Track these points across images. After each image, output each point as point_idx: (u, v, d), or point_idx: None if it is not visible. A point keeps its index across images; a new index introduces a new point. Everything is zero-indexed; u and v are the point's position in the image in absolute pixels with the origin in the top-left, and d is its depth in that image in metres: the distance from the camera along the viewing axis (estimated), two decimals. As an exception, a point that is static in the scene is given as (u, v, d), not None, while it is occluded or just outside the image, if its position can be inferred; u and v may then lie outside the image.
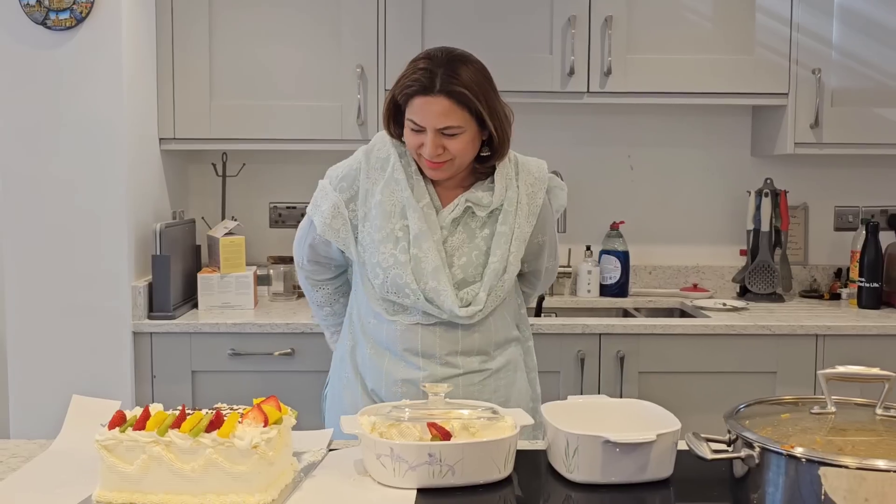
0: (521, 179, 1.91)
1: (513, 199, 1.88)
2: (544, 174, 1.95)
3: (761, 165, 3.39)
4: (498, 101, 1.85)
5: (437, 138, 1.79)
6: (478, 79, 1.80)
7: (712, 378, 2.79)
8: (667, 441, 1.35)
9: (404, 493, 1.30)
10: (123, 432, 1.26)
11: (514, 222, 1.87)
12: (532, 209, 1.91)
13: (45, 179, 2.70)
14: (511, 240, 1.87)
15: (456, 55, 1.82)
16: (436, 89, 1.77)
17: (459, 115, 1.78)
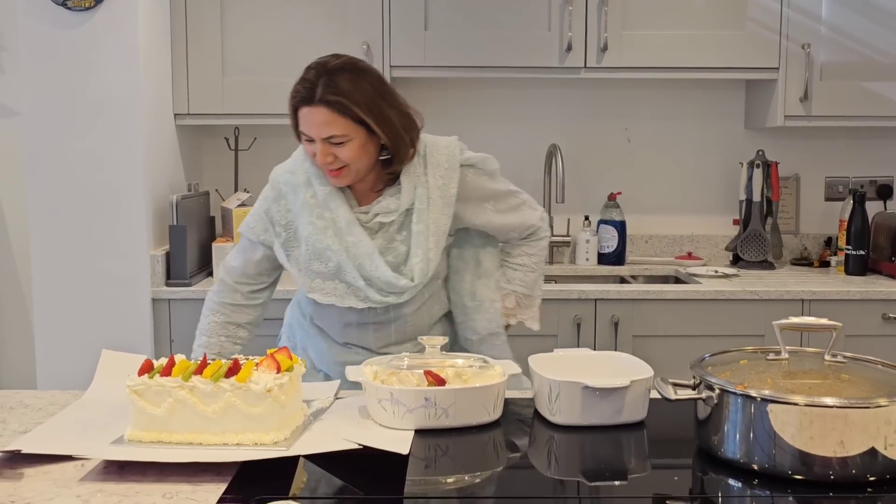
0: (431, 173, 1.92)
1: (423, 196, 1.90)
2: (455, 161, 1.94)
3: (754, 138, 3.51)
4: (390, 107, 1.85)
5: (325, 147, 1.82)
6: (361, 87, 1.81)
7: (703, 341, 2.92)
8: (640, 387, 1.49)
9: (403, 434, 1.44)
10: (152, 378, 1.40)
11: (429, 218, 1.89)
12: (446, 200, 1.92)
13: (68, 154, 2.85)
14: (429, 236, 1.90)
15: (337, 65, 1.83)
16: (315, 99, 1.79)
17: (342, 123, 1.80)
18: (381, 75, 1.91)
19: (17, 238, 3.45)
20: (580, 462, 1.45)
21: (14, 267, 3.47)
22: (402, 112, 1.88)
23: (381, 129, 1.83)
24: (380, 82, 1.87)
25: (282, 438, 1.40)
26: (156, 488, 1.23)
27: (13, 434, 1.48)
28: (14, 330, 3.48)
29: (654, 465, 1.42)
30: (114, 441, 1.41)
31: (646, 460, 1.45)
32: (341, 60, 1.85)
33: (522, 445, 1.49)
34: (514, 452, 1.47)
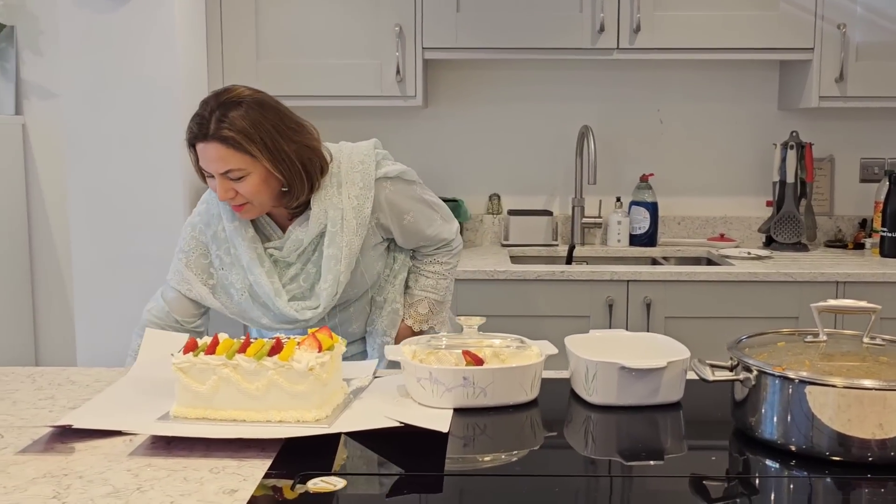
0: (345, 193, 1.89)
1: (337, 219, 1.88)
2: (370, 178, 1.91)
3: (787, 118, 3.48)
4: (289, 141, 1.82)
5: (224, 182, 1.81)
6: (255, 122, 1.78)
7: (735, 323, 2.92)
8: (676, 367, 1.50)
9: (442, 412, 1.46)
10: (196, 356, 1.43)
11: (342, 241, 1.89)
12: (360, 220, 1.90)
13: (106, 136, 2.89)
14: (341, 259, 1.89)
15: (231, 98, 1.80)
16: (208, 135, 1.77)
17: (237, 158, 1.78)
18: (279, 108, 1.85)
19: (57, 221, 3.51)
20: (616, 442, 1.46)
21: (53, 248, 3.54)
22: (302, 146, 1.84)
23: (275, 165, 1.80)
24: (277, 116, 1.82)
25: (323, 416, 1.42)
26: (202, 463, 1.27)
27: (62, 409, 1.52)
28: (54, 310, 3.55)
29: (690, 445, 1.43)
30: (160, 417, 1.44)
31: (682, 440, 1.46)
32: (236, 93, 1.82)
33: (559, 425, 1.51)
34: (550, 432, 1.48)
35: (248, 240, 1.92)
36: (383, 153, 2.00)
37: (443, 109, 3.53)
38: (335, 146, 1.98)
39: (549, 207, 3.57)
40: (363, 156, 1.93)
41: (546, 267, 2.99)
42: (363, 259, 1.97)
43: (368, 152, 1.95)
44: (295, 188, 1.85)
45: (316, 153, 1.87)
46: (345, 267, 1.90)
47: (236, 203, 1.85)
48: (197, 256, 2.00)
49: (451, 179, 3.56)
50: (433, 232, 2.04)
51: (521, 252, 3.40)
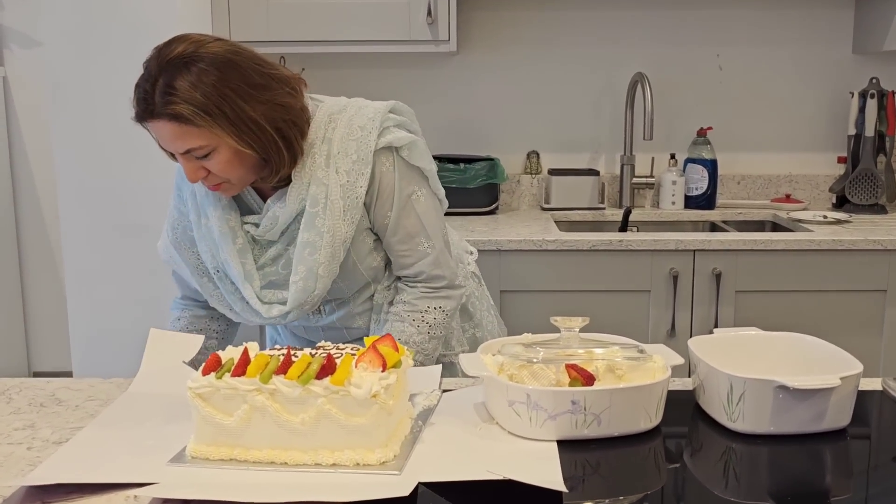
0: (334, 165, 1.51)
1: (319, 197, 1.50)
2: (368, 148, 1.51)
3: (864, 63, 3.10)
4: (253, 102, 1.42)
5: (189, 162, 1.45)
6: (207, 85, 1.38)
7: (816, 297, 2.58)
8: (848, 385, 1.15)
9: (544, 446, 1.12)
10: (220, 378, 1.08)
11: (323, 224, 1.50)
12: (350, 202, 1.51)
13: (95, 89, 2.51)
14: (320, 247, 1.51)
15: (173, 58, 1.40)
16: (154, 112, 1.40)
17: (195, 134, 1.40)
18: (236, 60, 1.43)
19: (42, 180, 3.15)
20: (768, 481, 1.12)
21: (39, 210, 3.18)
22: (273, 105, 1.44)
23: (241, 138, 1.42)
24: (236, 73, 1.41)
25: (391, 457, 1.08)
26: (237, 537, 0.92)
27: (44, 445, 1.17)
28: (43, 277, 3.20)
29: (863, 484, 1.09)
30: (173, 458, 1.09)
31: (851, 478, 1.12)
32: (181, 50, 1.41)
33: (691, 459, 1.16)
34: (681, 468, 1.14)
35: (221, 208, 1.55)
36: (399, 119, 1.58)
37: (477, 56, 3.14)
38: (337, 103, 1.57)
39: (594, 166, 3.20)
40: (367, 119, 1.53)
41: (600, 235, 2.63)
42: (354, 248, 1.58)
43: (375, 116, 1.54)
44: (272, 159, 1.47)
45: (292, 112, 1.47)
46: (325, 258, 1.51)
47: (210, 182, 1.49)
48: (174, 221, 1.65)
49: (485, 135, 3.18)
50: (417, 250, 1.59)
51: (565, 216, 3.04)
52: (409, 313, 1.60)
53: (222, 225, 1.55)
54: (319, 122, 1.52)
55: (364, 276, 1.62)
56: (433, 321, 1.60)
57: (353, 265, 1.59)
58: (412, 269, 1.60)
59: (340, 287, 1.61)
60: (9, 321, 3.21)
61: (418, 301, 1.60)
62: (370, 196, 1.55)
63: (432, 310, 1.60)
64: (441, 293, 1.61)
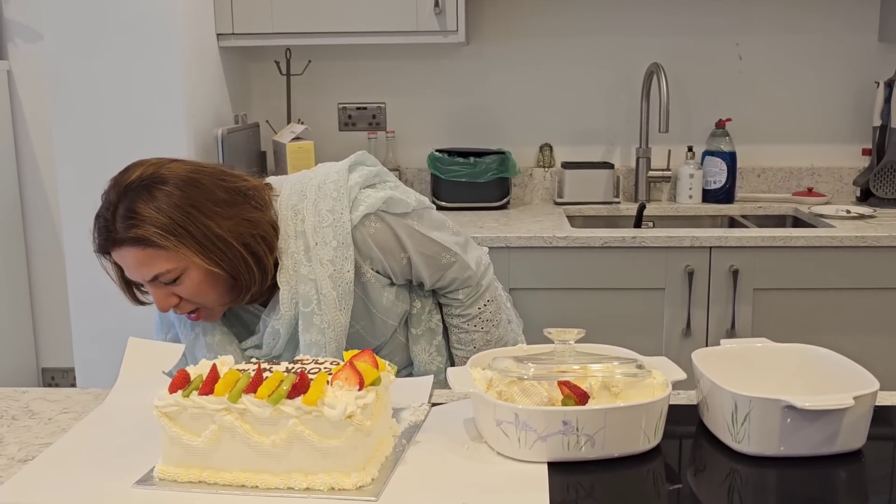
0: (316, 258, 1.43)
1: (310, 296, 1.43)
2: (345, 230, 1.43)
3: (891, 52, 2.98)
4: (216, 217, 1.36)
5: (159, 289, 1.38)
6: (170, 206, 1.33)
7: (838, 295, 2.49)
8: (864, 405, 1.07)
9: (533, 469, 1.05)
10: (187, 397, 1.02)
11: (322, 321, 1.44)
12: (343, 290, 1.44)
13: (98, 82, 2.46)
14: (325, 344, 1.45)
15: (132, 183, 1.35)
16: (116, 240, 1.35)
17: (163, 256, 1.34)
18: (197, 178, 1.37)
19: (48, 176, 3.11)
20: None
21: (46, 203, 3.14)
22: (239, 221, 1.38)
23: (208, 258, 1.35)
24: (197, 192, 1.36)
25: (367, 481, 1.01)
26: (195, 573, 0.86)
27: (10, 463, 1.11)
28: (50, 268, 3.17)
29: (879, 511, 1.01)
30: (140, 480, 1.03)
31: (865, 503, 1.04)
32: (139, 174, 1.36)
33: (693, 481, 1.08)
34: (682, 491, 1.07)
35: (215, 346, 1.48)
36: (363, 177, 1.49)
37: (487, 47, 3.06)
38: (295, 190, 1.47)
39: (608, 159, 3.11)
40: (332, 201, 1.44)
41: (613, 232, 2.54)
42: (379, 312, 1.52)
43: (339, 193, 1.45)
44: (242, 277, 1.39)
45: (259, 226, 1.40)
46: (333, 352, 1.45)
47: (183, 310, 1.42)
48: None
49: (496, 128, 3.10)
50: (440, 265, 1.54)
51: (578, 211, 2.95)
52: (467, 322, 1.60)
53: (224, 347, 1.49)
54: (286, 219, 1.45)
55: (394, 325, 1.57)
56: (490, 316, 1.62)
57: (382, 324, 1.55)
58: (445, 281, 1.56)
59: (371, 343, 1.56)
60: (17, 317, 3.17)
61: (469, 309, 1.60)
62: (376, 263, 1.49)
63: (483, 307, 1.61)
64: (480, 290, 1.60)
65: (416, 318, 1.60)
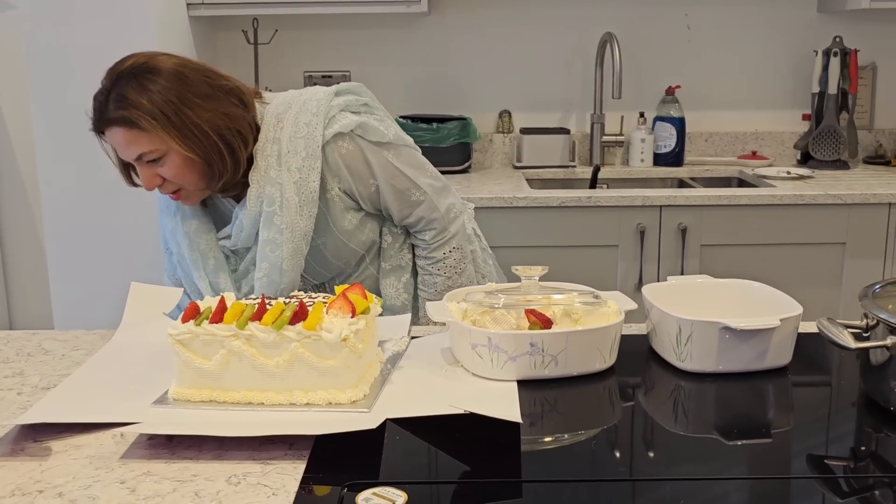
0: (285, 164, 1.56)
1: (275, 197, 1.56)
2: (316, 143, 1.57)
3: (828, 22, 3.16)
4: (196, 107, 1.49)
5: (144, 169, 1.53)
6: (154, 92, 1.47)
7: (778, 250, 2.67)
8: (789, 326, 1.23)
9: (505, 386, 1.19)
10: (199, 325, 1.15)
11: (282, 222, 1.57)
12: (305, 197, 1.57)
13: (71, 52, 2.53)
14: (282, 244, 1.58)
15: (125, 72, 1.49)
16: (107, 119, 1.50)
17: (145, 139, 1.48)
18: (184, 72, 1.51)
19: (22, 150, 3.16)
20: (714, 416, 1.20)
21: (20, 177, 3.20)
22: (218, 114, 1.51)
23: (184, 142, 1.49)
24: (181, 83, 1.50)
25: (360, 396, 1.15)
26: (217, 469, 0.99)
27: (34, 391, 1.23)
28: (24, 250, 3.23)
29: (803, 419, 1.18)
30: (157, 400, 1.16)
31: (791, 413, 1.20)
32: (131, 63, 1.51)
33: (643, 397, 1.24)
34: (634, 405, 1.22)
35: (192, 234, 1.65)
36: (345, 102, 1.62)
37: (448, 16, 3.18)
38: (283, 101, 1.62)
39: (565, 125, 3.26)
40: (311, 115, 1.58)
41: (569, 192, 2.70)
42: (339, 231, 1.65)
43: (318, 110, 1.58)
44: (215, 166, 1.53)
45: (237, 121, 1.54)
46: (288, 253, 1.58)
47: (166, 190, 1.57)
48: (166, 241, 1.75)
49: (457, 95, 3.23)
50: (410, 201, 1.67)
51: (536, 174, 3.10)
52: (431, 265, 1.73)
53: (192, 251, 1.64)
54: (268, 124, 1.58)
55: (356, 251, 1.70)
56: (453, 263, 1.74)
57: (342, 245, 1.67)
58: (412, 218, 1.70)
59: (337, 266, 1.69)
60: (-10, 282, 3.24)
61: (434, 252, 1.73)
62: (344, 181, 1.62)
63: (448, 253, 1.73)
64: (447, 235, 1.73)
65: (386, 252, 1.74)
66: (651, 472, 1.04)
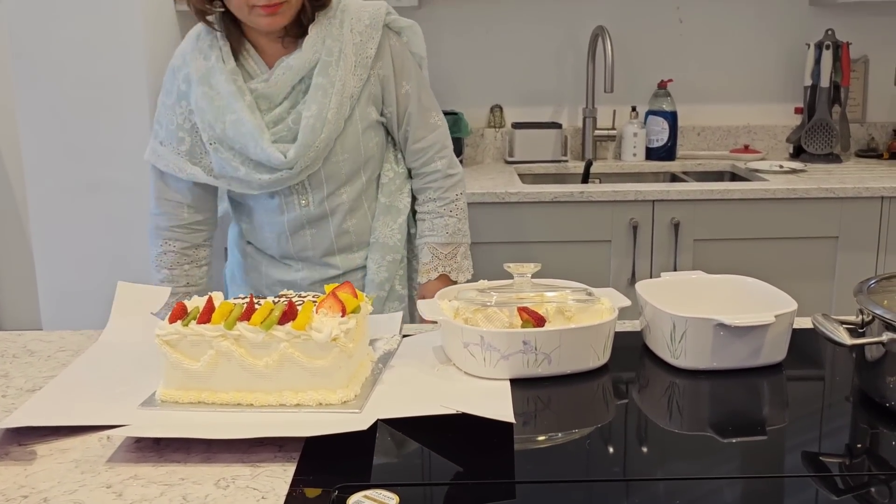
0: (347, 27, 1.69)
1: (334, 49, 1.68)
2: (378, 19, 1.72)
3: (820, 15, 3.15)
4: None
5: None
6: None
7: (771, 244, 2.67)
8: (783, 322, 1.22)
9: (498, 385, 1.18)
10: (186, 326, 1.13)
11: (336, 74, 1.67)
12: (361, 60, 1.69)
13: (58, 48, 2.50)
14: (331, 94, 1.67)
15: None
16: None
17: None
18: None
19: (7, 144, 3.14)
20: (709, 413, 1.19)
21: (6, 175, 3.18)
22: None
23: None
24: None
25: (351, 396, 1.13)
26: (205, 472, 0.97)
27: (19, 393, 1.21)
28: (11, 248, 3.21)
29: (798, 415, 1.17)
30: (144, 402, 1.14)
31: (786, 410, 1.19)
32: None
33: (638, 395, 1.23)
34: (629, 403, 1.21)
35: (227, 72, 1.69)
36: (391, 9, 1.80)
37: (439, 11, 3.16)
38: None
39: (557, 119, 3.24)
40: (373, 3, 1.76)
41: (561, 187, 2.68)
42: (359, 119, 1.73)
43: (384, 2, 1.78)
44: None
45: None
46: (335, 104, 1.67)
47: (274, 1, 1.60)
48: (167, 122, 1.78)
49: (448, 89, 3.21)
50: (429, 123, 1.79)
51: (528, 169, 3.09)
52: (445, 206, 1.81)
53: (229, 85, 1.67)
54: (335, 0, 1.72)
55: (361, 153, 1.74)
56: (463, 206, 1.84)
57: (355, 139, 1.73)
58: (426, 142, 1.79)
59: (341, 162, 1.73)
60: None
61: (448, 193, 1.82)
62: (387, 68, 1.74)
63: (459, 195, 1.83)
64: (458, 174, 1.84)
65: (385, 187, 1.79)
66: (646, 471, 1.03)
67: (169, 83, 1.78)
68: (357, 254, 1.82)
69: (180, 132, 1.76)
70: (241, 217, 1.87)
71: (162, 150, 1.78)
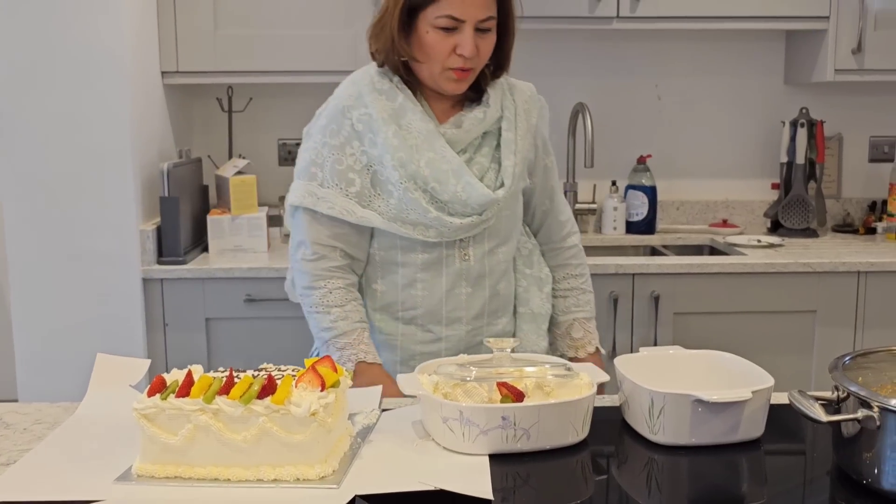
0: (516, 95, 1.79)
1: (511, 110, 1.75)
2: (535, 94, 1.84)
3: (795, 94, 3.23)
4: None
5: (474, 36, 1.65)
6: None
7: (750, 318, 2.69)
8: (761, 398, 1.23)
9: (477, 460, 1.18)
10: (165, 399, 1.12)
11: (517, 133, 1.74)
12: (529, 126, 1.78)
13: (43, 118, 2.53)
14: (515, 150, 1.72)
15: None
16: None
17: (493, 6, 1.67)
18: None
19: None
20: (687, 490, 1.19)
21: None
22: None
23: (510, 21, 1.72)
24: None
25: (329, 472, 1.13)
26: (179, 550, 0.96)
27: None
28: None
29: (777, 492, 1.17)
30: (119, 477, 1.13)
31: (764, 486, 1.19)
32: None
33: (617, 470, 1.23)
34: (607, 479, 1.21)
35: (420, 112, 1.69)
36: None
37: (422, 86, 3.21)
38: None
39: (538, 192, 3.28)
40: (524, 82, 1.86)
41: (543, 259, 2.70)
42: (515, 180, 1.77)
43: None
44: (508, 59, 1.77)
45: None
46: (520, 160, 1.73)
47: (468, 65, 1.66)
48: (332, 163, 1.69)
49: (431, 163, 3.24)
50: (564, 199, 1.91)
51: (510, 242, 3.11)
52: (586, 282, 1.92)
53: (426, 124, 1.68)
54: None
55: (518, 212, 1.80)
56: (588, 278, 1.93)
57: (516, 192, 1.77)
58: (565, 216, 1.89)
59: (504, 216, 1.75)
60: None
61: (585, 269, 1.92)
62: (539, 140, 1.82)
63: (586, 267, 1.93)
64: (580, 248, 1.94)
65: (527, 259, 1.83)
66: (625, 550, 1.03)
67: (336, 124, 1.70)
68: (500, 320, 1.79)
69: (350, 173, 1.68)
70: (372, 280, 1.76)
71: (324, 193, 1.68)
